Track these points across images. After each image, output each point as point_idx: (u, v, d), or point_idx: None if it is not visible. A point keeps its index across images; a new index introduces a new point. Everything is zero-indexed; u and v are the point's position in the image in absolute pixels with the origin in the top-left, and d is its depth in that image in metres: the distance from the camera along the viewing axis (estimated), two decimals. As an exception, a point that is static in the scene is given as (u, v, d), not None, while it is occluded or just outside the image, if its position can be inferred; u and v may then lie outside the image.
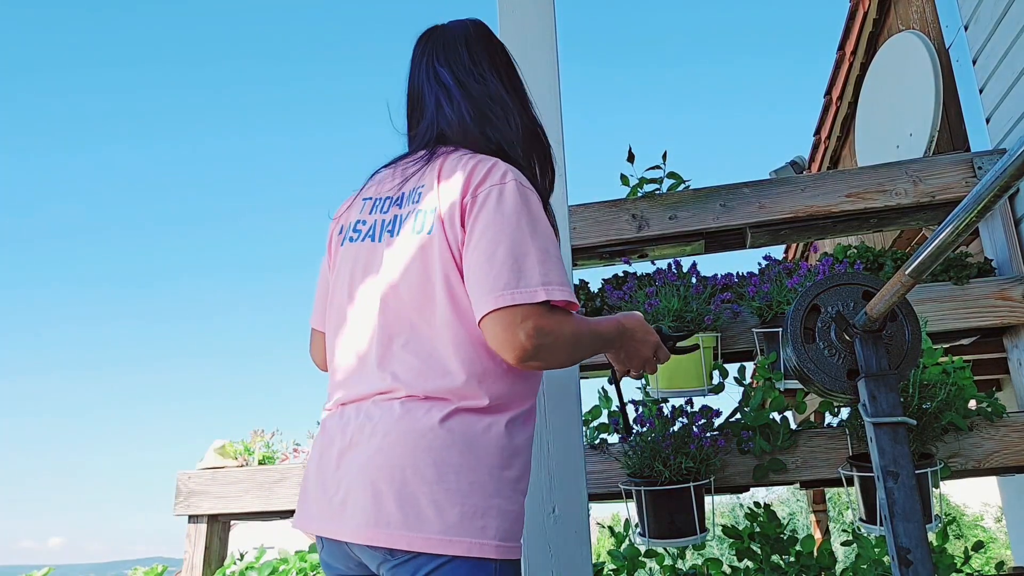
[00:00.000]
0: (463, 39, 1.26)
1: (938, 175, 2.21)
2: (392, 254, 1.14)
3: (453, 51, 1.25)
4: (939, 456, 1.86)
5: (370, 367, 1.12)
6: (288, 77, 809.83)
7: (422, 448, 1.02)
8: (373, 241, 1.18)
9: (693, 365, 1.96)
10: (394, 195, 1.20)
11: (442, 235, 1.09)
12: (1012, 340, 2.09)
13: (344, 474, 1.06)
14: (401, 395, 1.07)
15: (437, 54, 1.25)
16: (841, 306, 1.32)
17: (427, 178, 1.15)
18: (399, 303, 1.11)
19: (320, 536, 1.13)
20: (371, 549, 1.02)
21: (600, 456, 2.05)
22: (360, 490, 1.03)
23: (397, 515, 1.00)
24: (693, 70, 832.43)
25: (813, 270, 2.05)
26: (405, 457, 1.02)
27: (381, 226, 1.18)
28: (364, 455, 1.05)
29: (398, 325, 1.11)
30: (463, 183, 1.09)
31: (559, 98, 1.87)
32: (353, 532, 1.03)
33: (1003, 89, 2.40)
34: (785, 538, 1.97)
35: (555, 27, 1.92)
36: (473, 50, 1.25)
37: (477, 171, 1.10)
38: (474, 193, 1.08)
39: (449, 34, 1.27)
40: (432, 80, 1.24)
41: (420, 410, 1.04)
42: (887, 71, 3.47)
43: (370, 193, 1.25)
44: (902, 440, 1.20)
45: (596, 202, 2.38)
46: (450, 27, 1.29)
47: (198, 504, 2.37)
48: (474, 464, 1.03)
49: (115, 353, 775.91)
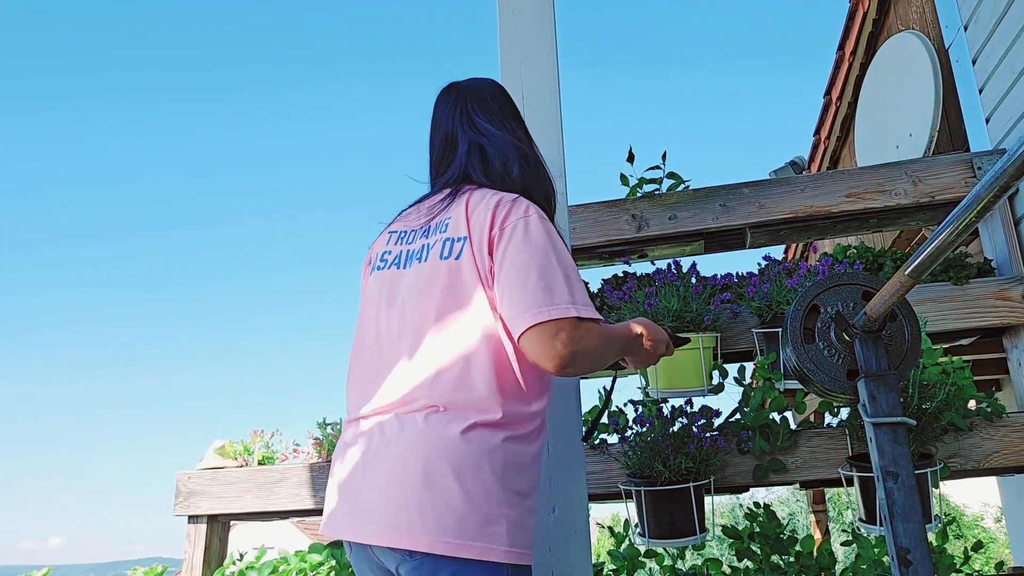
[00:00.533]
0: (490, 94, 1.42)
1: (938, 175, 2.21)
2: (420, 277, 1.24)
3: (485, 103, 1.40)
4: (939, 456, 1.86)
5: (394, 380, 1.20)
6: (286, 78, 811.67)
7: (443, 458, 1.10)
8: (399, 268, 1.30)
9: (693, 365, 1.96)
10: (420, 227, 1.32)
11: (471, 261, 1.20)
12: (1012, 340, 2.08)
13: (370, 482, 1.15)
14: (422, 407, 1.15)
15: (472, 104, 1.40)
16: (841, 306, 1.32)
17: (455, 210, 1.27)
18: (423, 322, 1.21)
19: (347, 540, 1.21)
20: (391, 551, 1.10)
21: (600, 456, 2.05)
22: (383, 496, 1.12)
23: (417, 519, 1.07)
24: (693, 69, 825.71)
25: (813, 270, 2.05)
26: (427, 465, 1.10)
27: (408, 255, 1.30)
28: (388, 463, 1.13)
29: (421, 342, 1.20)
30: (490, 216, 1.20)
31: (559, 98, 1.87)
32: (375, 535, 1.11)
33: (1003, 89, 2.40)
34: (785, 538, 1.97)
35: (555, 28, 1.92)
36: (501, 104, 1.42)
37: (502, 205, 1.21)
38: (502, 226, 1.19)
39: (478, 89, 1.43)
40: (468, 127, 1.37)
41: (441, 422, 1.13)
42: (887, 71, 3.48)
43: (396, 227, 1.38)
44: (902, 440, 1.20)
45: (596, 202, 2.38)
46: (477, 83, 1.44)
47: (198, 504, 2.37)
48: (488, 475, 1.11)
49: (115, 354, 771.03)
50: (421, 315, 1.21)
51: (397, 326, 1.24)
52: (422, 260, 1.26)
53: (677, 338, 1.48)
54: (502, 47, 1.92)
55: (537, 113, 1.86)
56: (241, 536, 2.80)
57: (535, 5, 1.93)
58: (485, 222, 1.20)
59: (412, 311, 1.23)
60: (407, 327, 1.22)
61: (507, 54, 1.91)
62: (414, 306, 1.23)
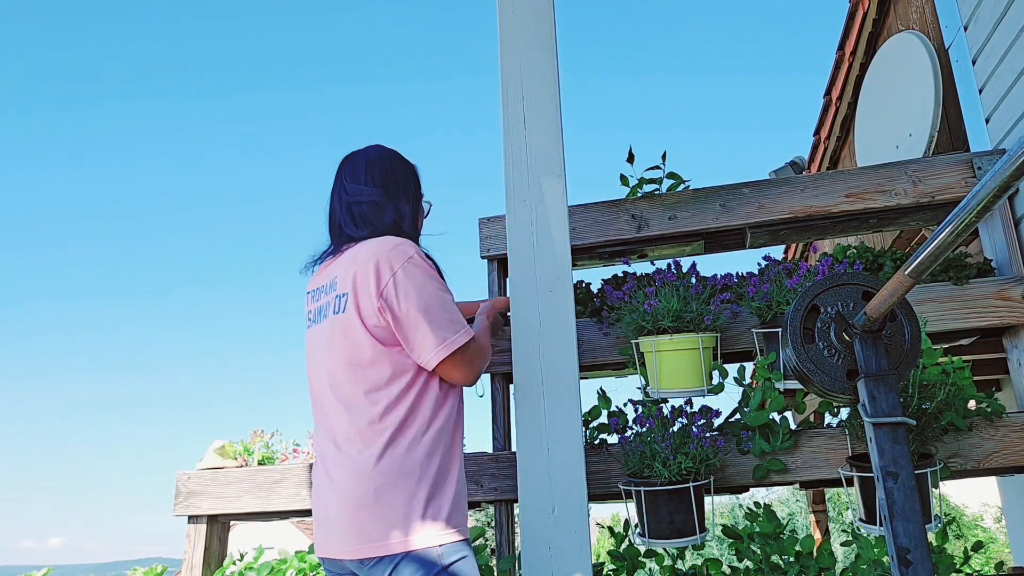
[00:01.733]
0: (363, 161, 1.63)
1: (937, 175, 2.21)
2: (323, 333, 1.51)
3: (356, 170, 1.63)
4: (939, 456, 1.86)
5: (329, 420, 1.49)
6: (283, 79, 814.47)
7: (365, 483, 1.38)
8: (316, 324, 1.56)
9: (693, 365, 1.96)
10: (320, 285, 1.58)
11: (355, 311, 1.45)
12: (1012, 340, 2.08)
13: (332, 507, 1.43)
14: (351, 443, 1.43)
15: (343, 172, 1.64)
16: (841, 306, 1.32)
17: (338, 268, 1.53)
18: (335, 370, 1.47)
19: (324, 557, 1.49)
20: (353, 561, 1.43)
21: (600, 456, 2.05)
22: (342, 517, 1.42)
23: (368, 532, 1.37)
24: (693, 70, 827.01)
25: (813, 270, 2.05)
26: (359, 489, 1.38)
27: (319, 312, 1.56)
28: (339, 492, 1.41)
29: (336, 387, 1.47)
30: (373, 275, 1.44)
31: (559, 98, 1.87)
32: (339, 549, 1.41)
33: (1003, 89, 2.40)
34: (785, 538, 1.97)
35: (555, 28, 1.92)
36: (369, 163, 1.63)
37: (380, 262, 1.45)
38: (385, 284, 1.43)
39: (353, 157, 1.65)
40: (340, 191, 1.62)
41: (362, 454, 1.40)
42: (887, 71, 3.47)
43: (310, 287, 1.64)
44: (902, 440, 1.20)
45: (596, 202, 2.38)
46: (356, 152, 1.67)
47: (198, 504, 2.37)
48: (405, 481, 1.38)
49: (116, 356, 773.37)
50: (333, 364, 1.48)
51: (324, 377, 1.50)
52: (324, 316, 1.53)
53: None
54: (502, 47, 1.92)
55: (537, 113, 1.86)
56: (241, 536, 2.80)
57: (535, 5, 1.93)
58: (369, 277, 1.44)
59: (329, 361, 1.49)
60: (330, 378, 1.49)
61: (507, 54, 1.91)
62: (325, 359, 1.50)
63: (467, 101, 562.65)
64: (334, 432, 1.46)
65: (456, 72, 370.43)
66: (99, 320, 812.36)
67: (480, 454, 2.15)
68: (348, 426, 1.43)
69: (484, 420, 2.24)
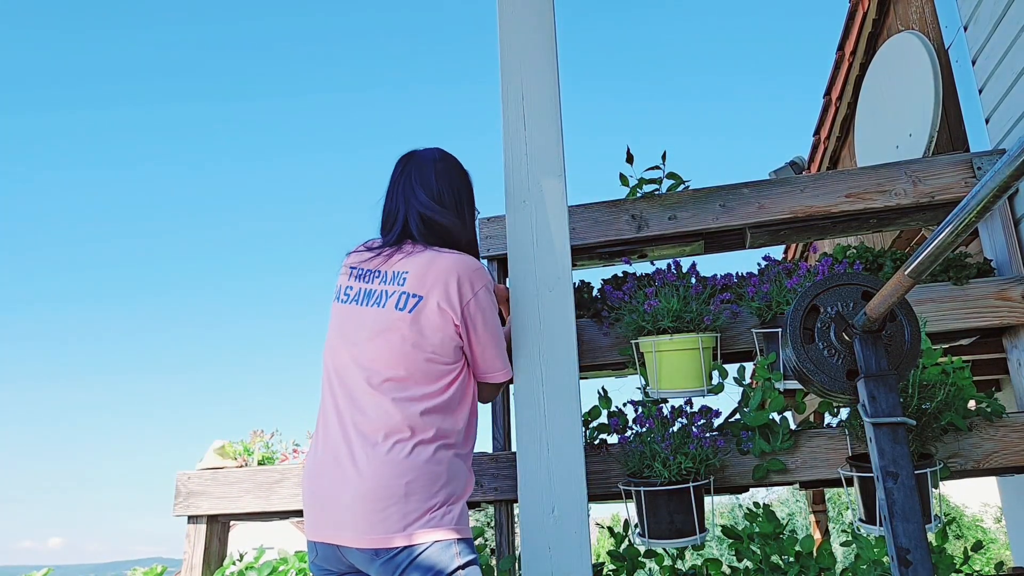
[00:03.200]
0: (431, 164, 1.67)
1: (937, 175, 2.21)
2: (376, 321, 1.52)
3: (426, 175, 1.66)
4: (938, 456, 1.86)
5: (356, 407, 1.49)
6: (282, 80, 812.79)
7: (399, 475, 1.41)
8: (359, 305, 1.56)
9: (693, 365, 1.96)
10: (374, 269, 1.59)
11: (427, 316, 1.49)
12: (1011, 340, 2.08)
13: (348, 494, 1.43)
14: (387, 435, 1.44)
15: (415, 175, 1.66)
16: (841, 306, 1.32)
17: (410, 265, 1.55)
18: (379, 360, 1.49)
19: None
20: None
21: (600, 456, 2.05)
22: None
23: (393, 523, 1.41)
24: (693, 69, 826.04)
25: (812, 270, 2.05)
26: (391, 480, 1.41)
27: (368, 295, 1.56)
28: (364, 480, 1.42)
29: (376, 376, 1.48)
30: (456, 289, 1.51)
31: (559, 98, 1.87)
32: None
33: (1002, 89, 2.40)
34: (785, 538, 1.97)
35: (555, 28, 1.92)
36: (438, 175, 1.66)
37: (463, 280, 1.52)
38: (475, 292, 1.53)
39: (423, 160, 1.68)
40: (411, 196, 1.64)
41: (399, 447, 1.43)
42: (887, 71, 3.47)
43: (352, 262, 1.64)
44: (902, 440, 1.20)
45: (596, 202, 2.38)
46: (421, 153, 1.70)
47: (197, 504, 2.37)
48: (434, 479, 1.43)
49: (116, 356, 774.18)
50: (375, 353, 1.50)
51: (355, 358, 1.52)
52: (381, 305, 1.53)
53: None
54: (502, 47, 1.92)
55: (537, 113, 1.86)
56: (241, 536, 2.80)
57: (535, 6, 1.93)
58: (451, 289, 1.51)
59: (369, 348, 1.51)
60: (364, 361, 1.51)
61: (507, 54, 1.91)
62: (368, 347, 1.51)
63: (467, 101, 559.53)
64: (361, 420, 1.47)
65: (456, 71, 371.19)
66: (99, 321, 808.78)
67: (480, 454, 2.15)
68: (385, 417, 1.45)
69: (484, 420, 2.24)
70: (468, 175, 1.73)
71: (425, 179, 1.64)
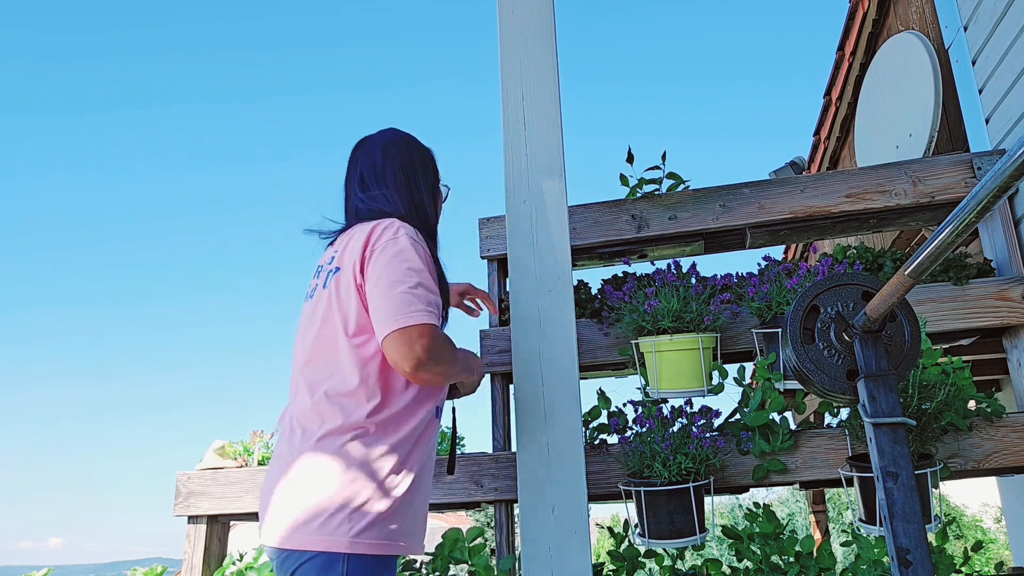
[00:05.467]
0: (379, 146, 1.60)
1: (937, 175, 2.21)
2: (313, 308, 1.45)
3: (373, 159, 1.59)
4: (938, 456, 1.86)
5: (292, 398, 1.44)
6: (281, 81, 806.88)
7: (301, 468, 1.31)
8: (307, 300, 1.50)
9: (693, 365, 1.96)
10: (322, 263, 1.52)
11: (338, 288, 1.39)
12: (1012, 340, 2.08)
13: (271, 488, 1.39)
14: (302, 424, 1.35)
15: (358, 160, 1.60)
16: (841, 306, 1.32)
17: (340, 244, 1.47)
18: (304, 348, 1.43)
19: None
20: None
21: (600, 456, 2.05)
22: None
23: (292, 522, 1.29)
24: (693, 70, 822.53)
25: (812, 270, 2.05)
26: (294, 473, 1.32)
27: (312, 289, 1.51)
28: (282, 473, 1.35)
29: (300, 360, 1.43)
30: (365, 237, 1.39)
31: (559, 98, 1.87)
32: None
33: (1002, 89, 2.40)
34: (785, 538, 1.97)
35: (555, 28, 1.92)
36: (386, 150, 1.60)
37: (376, 229, 1.40)
38: (373, 247, 1.37)
39: (368, 143, 1.62)
40: (355, 175, 1.59)
41: (299, 434, 1.35)
42: (887, 71, 3.47)
43: (318, 263, 1.58)
44: (902, 441, 1.20)
45: (596, 202, 2.38)
46: (371, 137, 1.63)
47: (197, 504, 2.37)
48: (327, 477, 1.28)
49: (116, 357, 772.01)
50: (304, 342, 1.44)
51: (295, 356, 1.48)
52: (312, 295, 1.48)
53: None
54: (502, 47, 1.92)
55: (537, 113, 1.86)
56: (241, 536, 2.80)
57: (535, 6, 1.93)
58: (359, 246, 1.38)
59: (299, 340, 1.46)
60: (296, 358, 1.45)
61: (507, 55, 1.91)
62: (301, 336, 1.46)
63: (467, 101, 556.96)
64: (293, 410, 1.39)
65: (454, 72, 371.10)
66: (100, 322, 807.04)
67: (480, 454, 2.15)
68: (302, 406, 1.36)
69: (484, 420, 2.24)
70: (421, 145, 1.63)
71: (371, 163, 1.57)
